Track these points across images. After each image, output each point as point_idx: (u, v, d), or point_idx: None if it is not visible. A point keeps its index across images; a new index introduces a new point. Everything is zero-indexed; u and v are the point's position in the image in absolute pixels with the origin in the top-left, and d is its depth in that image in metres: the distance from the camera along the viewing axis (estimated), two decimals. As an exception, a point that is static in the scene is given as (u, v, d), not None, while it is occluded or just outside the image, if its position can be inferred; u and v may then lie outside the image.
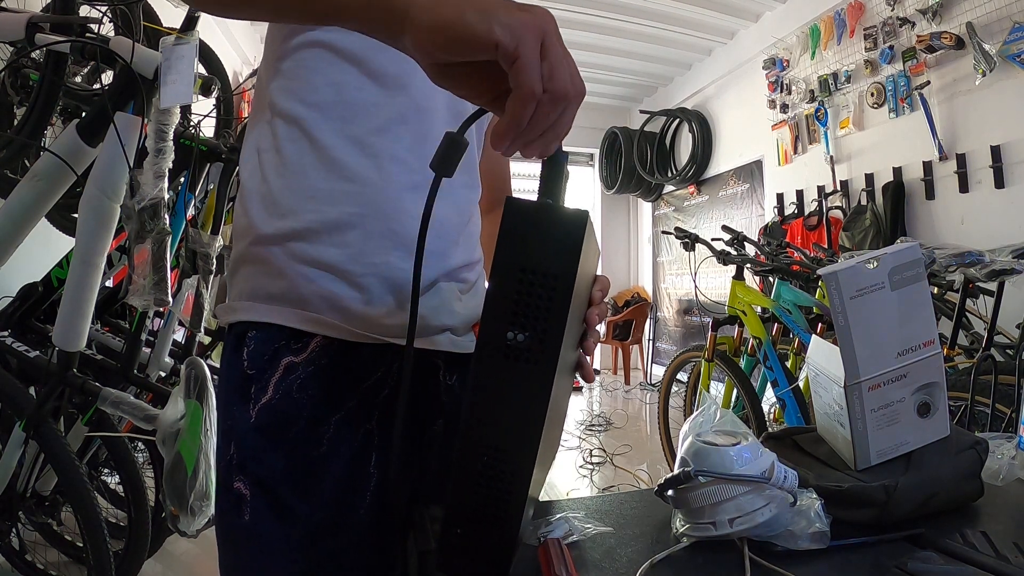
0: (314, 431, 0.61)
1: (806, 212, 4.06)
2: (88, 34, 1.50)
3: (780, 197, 4.38)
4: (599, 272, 0.65)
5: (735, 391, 2.47)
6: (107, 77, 1.59)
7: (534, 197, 0.48)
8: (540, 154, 0.44)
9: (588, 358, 0.61)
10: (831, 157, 3.85)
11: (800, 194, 4.21)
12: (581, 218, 0.44)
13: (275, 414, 0.61)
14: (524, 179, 6.38)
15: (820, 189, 3.93)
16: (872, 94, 3.58)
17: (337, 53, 0.64)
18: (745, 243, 2.64)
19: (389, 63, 0.64)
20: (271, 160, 0.64)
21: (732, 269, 2.59)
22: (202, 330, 1.89)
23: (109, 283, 1.99)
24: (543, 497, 0.66)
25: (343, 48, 0.64)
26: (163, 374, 1.94)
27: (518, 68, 0.38)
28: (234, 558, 0.62)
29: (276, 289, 0.62)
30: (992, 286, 1.92)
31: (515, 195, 0.47)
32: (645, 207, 6.60)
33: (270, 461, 0.60)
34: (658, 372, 5.58)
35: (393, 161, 0.64)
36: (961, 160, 3.09)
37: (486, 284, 0.75)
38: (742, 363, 2.50)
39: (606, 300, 0.62)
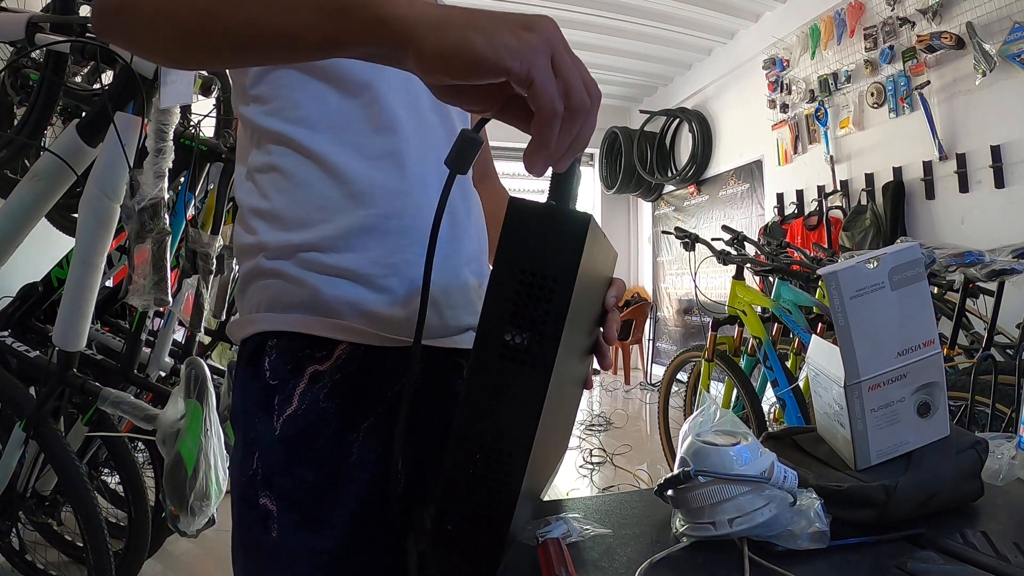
0: (343, 440, 0.60)
1: (806, 212, 4.06)
2: (88, 34, 1.50)
3: (780, 197, 4.38)
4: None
5: (735, 391, 2.47)
6: (107, 77, 1.59)
7: (539, 197, 0.47)
8: (567, 165, 0.44)
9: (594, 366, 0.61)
10: (831, 157, 3.85)
11: (800, 194, 4.21)
12: (584, 220, 0.43)
13: (302, 425, 0.59)
14: (525, 179, 6.39)
15: (820, 189, 3.93)
16: (872, 94, 3.58)
17: (306, 70, 0.63)
18: (745, 243, 2.64)
19: (357, 69, 0.63)
20: (268, 179, 0.63)
21: (732, 269, 2.59)
22: (202, 330, 1.89)
23: (109, 283, 2.00)
24: (544, 498, 0.66)
25: (311, 64, 0.63)
26: (163, 374, 1.94)
27: (535, 91, 0.38)
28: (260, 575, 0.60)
29: (297, 298, 0.61)
30: (992, 286, 1.92)
31: (518, 195, 0.47)
32: (645, 207, 6.60)
33: (298, 474, 0.58)
34: (658, 372, 5.58)
35: (393, 158, 0.63)
36: (961, 160, 3.09)
37: None
38: (742, 363, 2.50)
39: None
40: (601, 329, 0.60)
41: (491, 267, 0.44)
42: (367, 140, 0.63)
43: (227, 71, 0.70)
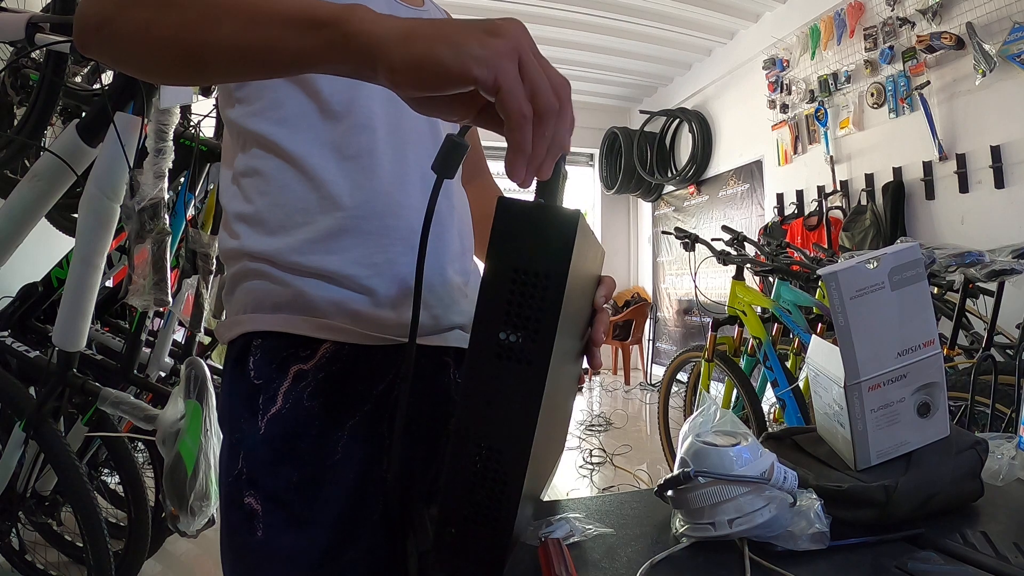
0: (327, 439, 0.60)
1: (806, 212, 4.06)
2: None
3: (780, 197, 4.38)
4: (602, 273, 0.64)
5: (735, 391, 2.47)
6: (107, 77, 1.59)
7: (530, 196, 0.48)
8: (551, 170, 0.43)
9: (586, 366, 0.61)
10: (831, 157, 3.85)
11: (800, 194, 4.21)
12: (573, 218, 0.43)
13: (286, 424, 0.59)
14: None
15: (820, 189, 3.93)
16: (872, 94, 3.58)
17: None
18: (745, 243, 2.64)
19: (330, 84, 0.63)
20: (251, 182, 0.64)
21: (732, 269, 2.59)
22: (202, 330, 1.89)
23: (109, 283, 1.99)
24: (544, 498, 0.66)
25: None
26: (163, 374, 1.94)
27: (502, 99, 0.38)
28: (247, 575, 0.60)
29: (282, 298, 0.61)
30: (992, 286, 1.92)
31: (508, 195, 0.47)
32: (645, 207, 6.60)
33: (283, 473, 0.59)
34: (658, 372, 5.58)
35: (372, 157, 0.63)
36: (961, 160, 3.09)
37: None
38: (742, 363, 2.50)
39: (606, 303, 0.62)
40: (590, 329, 0.60)
41: (479, 265, 0.44)
42: (346, 140, 0.63)
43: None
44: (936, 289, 2.26)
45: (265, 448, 0.59)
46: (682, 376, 2.97)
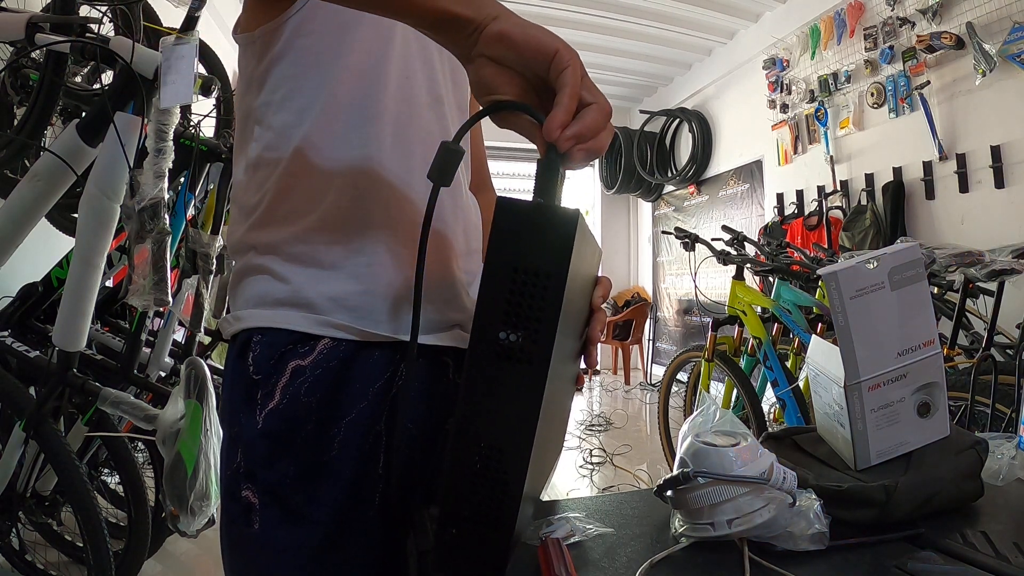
0: (324, 435, 0.61)
1: (806, 212, 4.06)
2: (88, 34, 1.50)
3: (780, 197, 4.38)
4: (600, 273, 0.65)
5: (735, 391, 2.47)
6: (107, 77, 1.59)
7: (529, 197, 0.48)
8: (584, 164, 0.48)
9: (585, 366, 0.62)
10: (831, 157, 3.85)
11: (800, 194, 4.21)
12: (573, 217, 0.44)
13: (283, 419, 0.60)
14: (522, 179, 6.39)
15: (820, 189, 3.93)
16: (872, 94, 3.58)
17: (315, 63, 0.64)
18: (745, 243, 2.64)
19: (364, 61, 0.64)
20: (262, 174, 0.64)
21: (732, 269, 2.60)
22: (202, 330, 1.89)
23: (109, 283, 2.00)
24: (543, 497, 0.66)
25: (319, 51, 0.64)
26: (163, 374, 1.94)
27: (571, 72, 0.45)
28: (245, 569, 0.61)
29: (281, 294, 0.62)
30: (992, 286, 1.92)
31: (507, 195, 0.47)
32: (645, 207, 6.60)
33: (280, 467, 0.59)
34: (658, 372, 5.58)
35: (379, 151, 0.64)
36: (961, 160, 3.09)
37: None
38: (742, 363, 2.50)
39: (605, 303, 0.62)
40: (587, 328, 0.61)
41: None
42: (355, 133, 0.64)
43: (236, 68, 0.71)
44: (936, 289, 2.26)
45: (263, 442, 0.60)
46: (682, 376, 2.97)
